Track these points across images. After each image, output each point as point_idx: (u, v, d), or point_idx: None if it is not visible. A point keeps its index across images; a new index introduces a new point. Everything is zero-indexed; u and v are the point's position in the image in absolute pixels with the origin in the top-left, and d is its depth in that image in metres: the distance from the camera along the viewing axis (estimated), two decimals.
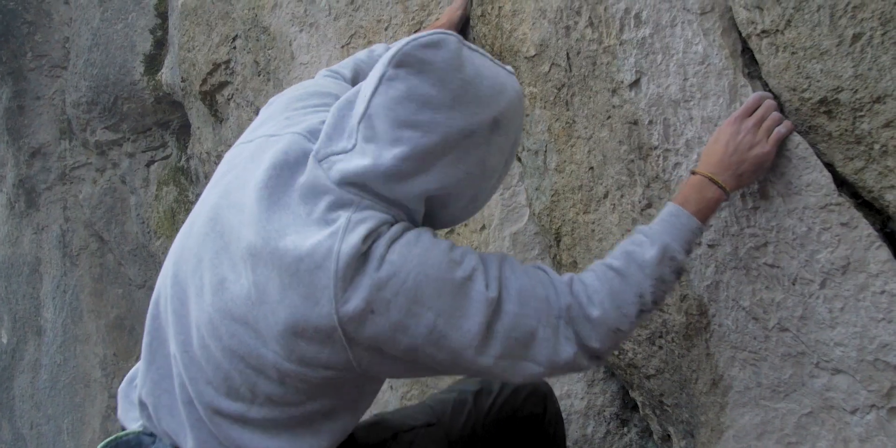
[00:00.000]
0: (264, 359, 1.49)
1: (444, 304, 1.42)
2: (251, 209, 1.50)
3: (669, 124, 1.72)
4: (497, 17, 2.15)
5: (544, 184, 2.16)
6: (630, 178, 1.86)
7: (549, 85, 2.02)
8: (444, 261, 1.43)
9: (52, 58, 6.31)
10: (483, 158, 1.47)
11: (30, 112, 6.34)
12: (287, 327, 1.43)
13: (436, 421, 1.89)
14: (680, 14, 1.64)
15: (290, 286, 1.42)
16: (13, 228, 6.77)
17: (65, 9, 6.27)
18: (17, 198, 6.53)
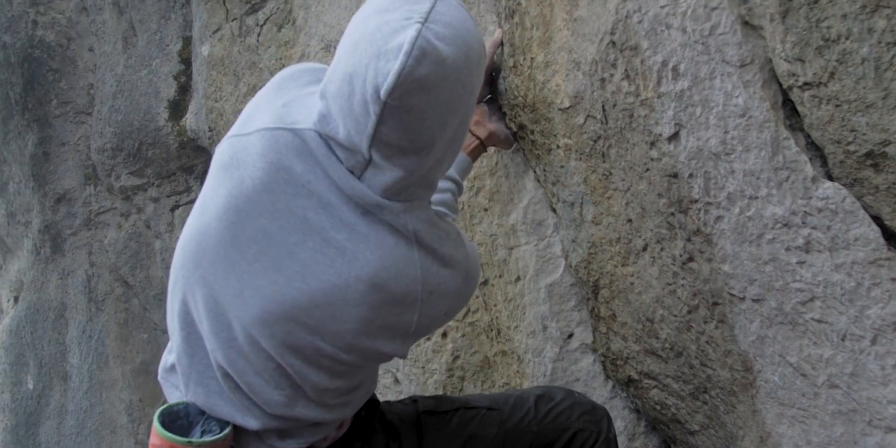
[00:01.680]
0: (322, 351, 1.58)
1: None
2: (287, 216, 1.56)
3: (710, 177, 1.69)
4: (529, 68, 2.13)
5: (581, 236, 2.14)
6: (670, 231, 1.83)
7: (584, 137, 2.00)
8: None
9: (77, 104, 6.36)
10: (472, 107, 1.60)
11: (55, 158, 6.38)
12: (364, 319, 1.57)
13: (497, 408, 2.01)
14: (719, 66, 1.62)
15: (370, 292, 1.55)
16: (39, 274, 6.78)
17: (89, 56, 6.33)
18: (43, 243, 6.55)
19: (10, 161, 6.75)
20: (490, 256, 2.46)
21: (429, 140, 1.48)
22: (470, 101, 1.53)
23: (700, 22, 1.60)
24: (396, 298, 1.58)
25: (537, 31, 2.08)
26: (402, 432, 1.93)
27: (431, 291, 1.61)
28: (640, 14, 1.70)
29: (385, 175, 1.51)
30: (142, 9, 5.42)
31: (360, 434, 1.90)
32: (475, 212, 2.50)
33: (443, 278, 1.62)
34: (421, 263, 1.59)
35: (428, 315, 1.63)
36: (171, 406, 1.73)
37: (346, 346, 1.59)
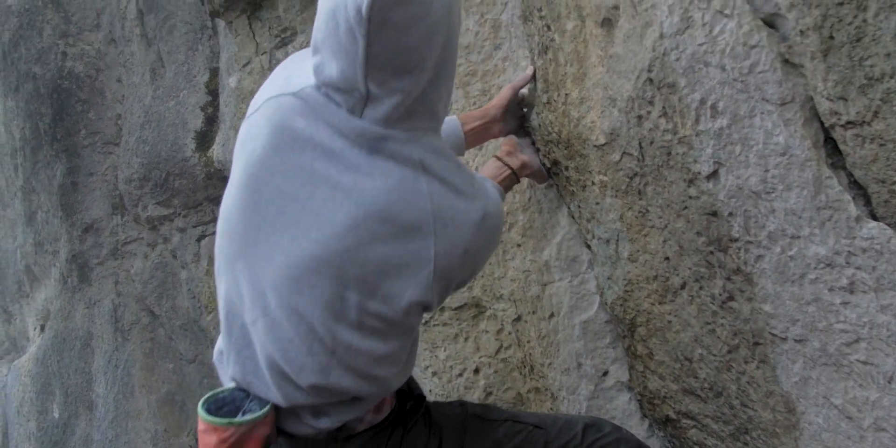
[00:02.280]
0: (349, 302, 1.62)
1: None
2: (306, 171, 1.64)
3: (750, 216, 1.67)
4: (564, 104, 2.12)
5: (617, 273, 2.12)
6: (709, 269, 1.81)
7: (620, 174, 1.99)
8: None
9: (105, 135, 6.41)
10: (457, 28, 1.67)
11: (83, 188, 6.42)
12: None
13: (544, 427, 1.99)
14: (759, 105, 1.60)
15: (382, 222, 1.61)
16: (66, 303, 6.81)
17: (117, 86, 6.39)
18: (70, 273, 6.58)
19: (39, 190, 6.80)
20: (523, 292, 2.44)
21: (418, 57, 1.56)
22: (450, 19, 1.59)
23: (739, 60, 1.58)
24: (407, 229, 1.62)
25: (571, 68, 2.07)
26: (445, 432, 1.94)
27: (445, 223, 1.64)
28: (678, 52, 1.69)
29: (384, 105, 1.59)
30: (170, 40, 5.46)
31: (402, 424, 1.92)
32: (508, 247, 2.48)
33: (456, 210, 1.67)
34: (429, 192, 1.64)
35: (446, 252, 1.65)
36: (216, 393, 1.79)
37: (371, 292, 1.63)
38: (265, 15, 3.87)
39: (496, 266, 2.52)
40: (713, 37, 1.62)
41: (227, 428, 1.71)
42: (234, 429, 1.71)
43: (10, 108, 7.03)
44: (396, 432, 1.90)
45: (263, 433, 1.75)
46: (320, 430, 1.81)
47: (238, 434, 1.71)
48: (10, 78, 6.92)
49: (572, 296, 2.31)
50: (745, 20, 1.56)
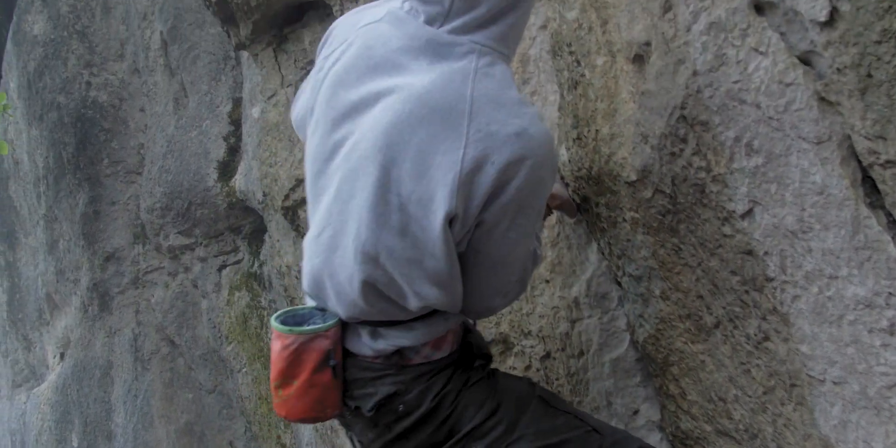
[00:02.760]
0: (389, 205, 1.75)
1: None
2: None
3: (786, 256, 1.64)
4: (594, 140, 2.11)
5: (648, 311, 2.09)
6: (744, 309, 1.78)
7: (652, 211, 1.97)
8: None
9: (128, 164, 6.45)
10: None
11: (105, 217, 6.46)
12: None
13: (602, 433, 1.98)
14: (795, 143, 1.58)
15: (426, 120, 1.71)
16: (86, 331, 6.83)
17: (140, 116, 6.44)
18: (91, 301, 6.60)
19: (61, 219, 6.84)
20: (552, 329, 2.42)
21: None
22: None
23: (774, 98, 1.57)
24: (444, 116, 1.70)
25: (602, 103, 2.06)
26: (505, 400, 1.98)
27: (479, 129, 1.68)
28: (712, 89, 1.68)
29: (463, 18, 1.73)
30: (193, 70, 5.51)
31: (464, 375, 2.00)
32: (536, 283, 2.46)
33: (493, 118, 1.70)
34: (472, 95, 1.70)
35: (474, 158, 1.67)
36: (295, 309, 2.01)
37: (409, 192, 1.72)
38: (291, 47, 3.89)
39: (524, 302, 2.50)
40: (748, 74, 1.61)
41: (289, 335, 1.90)
42: (294, 336, 1.89)
43: (34, 136, 7.09)
44: (456, 378, 1.97)
45: (324, 346, 1.90)
46: (379, 352, 1.92)
47: (298, 342, 1.89)
48: (34, 107, 6.99)
49: (602, 333, 2.28)
50: (781, 58, 1.55)
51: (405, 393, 1.94)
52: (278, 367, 1.94)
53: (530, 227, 1.80)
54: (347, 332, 1.95)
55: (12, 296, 8.94)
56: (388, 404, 1.94)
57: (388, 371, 1.94)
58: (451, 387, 1.96)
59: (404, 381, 1.94)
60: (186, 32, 5.59)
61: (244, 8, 3.82)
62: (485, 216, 1.73)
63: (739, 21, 1.61)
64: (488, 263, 1.83)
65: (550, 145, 1.76)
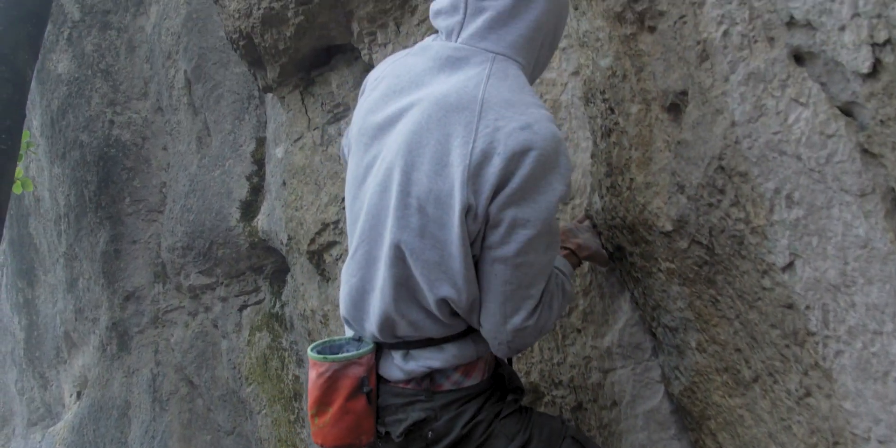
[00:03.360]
0: (409, 208, 1.84)
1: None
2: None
3: (829, 310, 1.62)
4: (628, 189, 2.10)
5: (684, 363, 2.07)
6: (784, 363, 1.75)
7: (688, 261, 1.95)
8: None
9: (150, 202, 6.48)
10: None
11: (126, 256, 6.48)
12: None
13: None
14: (837, 195, 1.56)
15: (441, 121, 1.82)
16: (104, 371, 6.82)
17: (163, 155, 6.48)
18: (110, 340, 6.60)
19: (82, 257, 6.87)
20: (584, 379, 2.39)
21: None
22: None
23: (816, 149, 1.55)
24: (455, 113, 1.80)
25: (636, 152, 2.05)
26: (535, 436, 2.02)
27: (487, 124, 1.77)
28: (751, 140, 1.67)
29: (475, 22, 1.88)
30: (216, 109, 5.54)
31: (497, 399, 2.07)
32: (567, 332, 2.44)
33: (501, 116, 1.78)
34: (483, 96, 1.80)
35: (483, 151, 1.75)
36: (332, 339, 2.10)
37: (426, 193, 1.80)
38: (318, 90, 3.91)
39: (555, 351, 2.48)
40: (788, 125, 1.59)
41: (323, 363, 1.97)
42: (328, 364, 1.97)
43: (56, 174, 7.15)
44: (487, 409, 2.03)
45: (358, 373, 1.97)
46: (410, 375, 1.98)
47: (332, 370, 1.96)
48: (57, 145, 7.05)
49: (635, 384, 2.25)
50: (822, 109, 1.54)
51: (434, 420, 1.98)
52: (314, 396, 2.00)
53: (541, 226, 1.81)
54: (381, 358, 2.02)
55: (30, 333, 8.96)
56: (417, 430, 1.99)
57: (419, 397, 1.99)
58: (483, 417, 2.01)
59: (434, 407, 1.99)
60: (210, 71, 5.64)
61: (272, 51, 3.84)
62: (492, 209, 1.77)
63: (779, 71, 1.61)
64: (501, 267, 1.84)
65: (557, 143, 1.79)
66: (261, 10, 3.72)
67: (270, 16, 3.71)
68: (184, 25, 5.92)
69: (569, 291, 2.05)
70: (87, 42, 7.12)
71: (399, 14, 3.32)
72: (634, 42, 2.00)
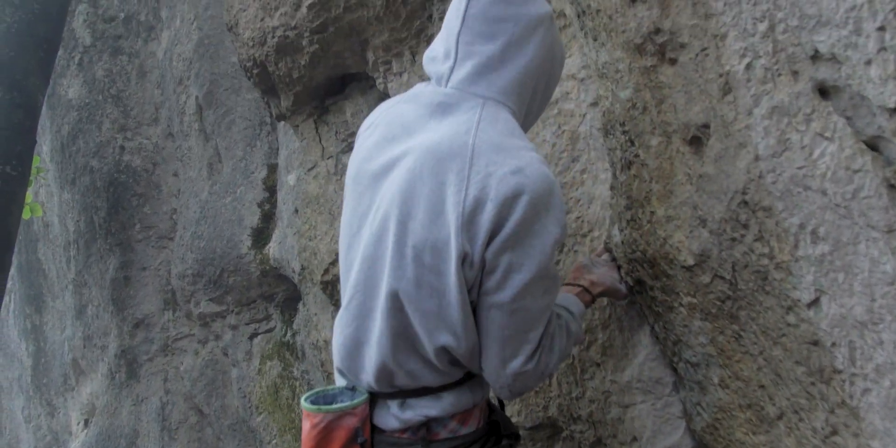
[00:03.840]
0: (405, 259, 1.84)
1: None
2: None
3: (856, 347, 1.60)
4: (649, 222, 2.09)
5: (706, 399, 2.05)
6: (809, 401, 1.74)
7: (710, 296, 1.94)
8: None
9: (160, 229, 6.49)
10: (551, 44, 1.98)
11: (135, 283, 6.48)
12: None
13: None
14: (863, 231, 1.55)
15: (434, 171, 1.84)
16: (112, 399, 6.80)
17: (174, 181, 6.50)
18: (119, 368, 6.59)
19: (91, 284, 6.87)
20: (603, 414, 2.38)
21: (502, 29, 1.90)
22: (541, 24, 1.94)
23: (841, 184, 1.55)
24: (447, 161, 1.82)
25: (657, 185, 2.05)
26: None
27: (479, 171, 1.79)
28: (775, 174, 1.66)
29: (466, 66, 1.92)
30: (228, 136, 5.56)
31: (493, 442, 2.10)
32: (587, 366, 2.43)
33: (492, 161, 1.81)
34: (474, 142, 1.82)
35: (476, 198, 1.77)
36: (325, 389, 2.08)
37: (422, 243, 1.81)
38: (332, 119, 3.92)
39: (573, 385, 2.47)
40: (813, 160, 1.59)
41: (317, 414, 1.95)
42: (322, 415, 1.95)
43: (66, 200, 7.17)
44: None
45: (352, 424, 1.96)
46: (406, 424, 1.98)
47: (327, 421, 1.95)
48: (67, 171, 7.08)
49: (656, 420, 2.24)
50: (847, 143, 1.53)
51: None
52: (308, 447, 1.99)
53: (537, 270, 1.81)
54: (376, 408, 2.02)
55: (37, 360, 8.95)
56: None
57: (415, 446, 1.99)
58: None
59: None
60: (222, 97, 5.66)
61: (286, 80, 3.86)
62: (488, 255, 1.78)
63: (803, 105, 1.60)
64: (498, 312, 1.85)
65: (549, 184, 1.81)
66: (275, 38, 3.74)
67: (285, 44, 3.73)
68: (195, 51, 5.95)
69: (574, 332, 2.05)
70: (97, 67, 7.17)
71: (414, 43, 3.33)
72: (655, 74, 2.00)
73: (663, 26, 1.92)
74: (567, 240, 2.48)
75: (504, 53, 1.90)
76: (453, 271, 1.79)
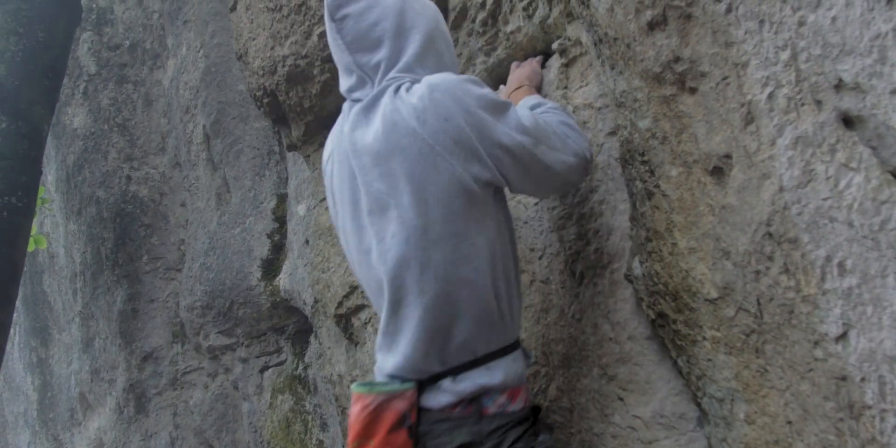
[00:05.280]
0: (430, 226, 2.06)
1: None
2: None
3: (885, 382, 1.60)
4: (671, 254, 2.09)
5: (732, 435, 2.04)
6: (839, 438, 1.73)
7: (735, 330, 1.93)
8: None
9: (168, 260, 6.51)
10: (421, 9, 2.27)
11: (143, 315, 6.49)
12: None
13: None
14: (891, 264, 1.55)
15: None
16: (121, 434, 6.79)
17: (181, 211, 6.52)
18: (127, 402, 6.59)
19: (98, 317, 6.89)
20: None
21: (379, 31, 2.18)
22: (403, 3, 2.22)
23: (868, 216, 1.55)
24: (398, 149, 2.06)
25: (678, 216, 2.05)
26: None
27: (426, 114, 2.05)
28: (800, 205, 1.66)
29: (379, 77, 2.18)
30: (236, 165, 5.59)
31: (533, 431, 2.18)
32: (609, 402, 2.42)
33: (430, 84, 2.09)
34: (399, 106, 2.08)
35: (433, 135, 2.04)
36: (372, 380, 2.20)
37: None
38: None
39: (595, 421, 2.46)
40: (839, 191, 1.59)
41: (368, 395, 2.08)
42: (374, 396, 2.07)
43: (72, 231, 7.20)
44: (524, 440, 2.12)
45: (401, 407, 2.06)
46: (459, 396, 2.07)
47: (377, 402, 2.07)
48: (73, 201, 7.11)
49: None
50: (874, 174, 1.53)
51: (479, 445, 2.07)
52: (356, 430, 2.09)
53: (495, 109, 2.10)
54: (426, 391, 2.11)
55: (43, 394, 8.96)
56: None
57: (467, 420, 2.08)
58: (521, 445, 2.10)
59: (480, 432, 2.07)
60: (230, 126, 5.69)
61: (297, 109, 3.88)
62: (465, 164, 2.05)
63: (828, 135, 1.61)
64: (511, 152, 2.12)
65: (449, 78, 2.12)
66: (286, 67, 3.77)
67: (296, 73, 3.76)
68: (202, 79, 5.99)
69: (565, 119, 2.35)
70: (103, 96, 7.22)
71: None
72: (675, 103, 2.00)
73: (683, 55, 1.93)
74: (586, 272, 2.48)
75: (396, 46, 2.18)
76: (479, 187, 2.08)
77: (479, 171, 2.05)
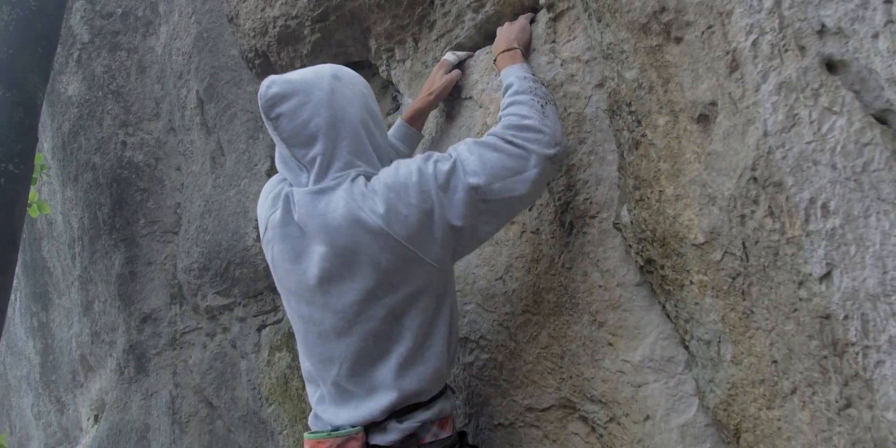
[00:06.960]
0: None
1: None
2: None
3: (868, 320, 1.61)
4: (658, 201, 2.10)
5: (719, 376, 2.06)
6: (823, 375, 1.75)
7: (721, 273, 1.95)
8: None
9: (164, 223, 6.49)
10: (348, 98, 2.36)
11: (141, 278, 6.49)
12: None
13: None
14: (874, 204, 1.56)
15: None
16: (122, 394, 6.82)
17: (177, 175, 6.49)
18: (127, 363, 6.61)
19: (97, 280, 6.88)
20: (615, 394, 2.39)
21: (313, 127, 2.28)
22: (333, 97, 2.32)
23: (851, 158, 1.56)
24: (360, 226, 2.21)
25: (665, 164, 2.05)
26: None
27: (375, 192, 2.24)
28: (784, 149, 1.67)
29: (315, 166, 2.29)
30: (230, 129, 5.56)
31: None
32: (598, 347, 2.44)
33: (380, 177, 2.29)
34: (352, 190, 2.26)
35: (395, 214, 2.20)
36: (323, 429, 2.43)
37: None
38: None
39: (585, 366, 2.47)
40: (822, 135, 1.60)
41: (327, 439, 2.30)
42: (332, 440, 2.29)
43: (69, 197, 7.17)
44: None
45: (355, 447, 2.30)
46: (405, 433, 2.34)
47: (335, 445, 2.29)
48: (69, 168, 7.08)
49: (668, 398, 2.24)
50: (856, 117, 1.54)
51: None
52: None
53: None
54: (374, 431, 2.35)
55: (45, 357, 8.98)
56: None
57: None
58: None
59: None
60: (223, 91, 5.66)
61: (288, 69, 3.86)
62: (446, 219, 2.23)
63: (811, 80, 1.61)
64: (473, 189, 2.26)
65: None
66: (276, 28, 3.74)
67: (286, 34, 3.73)
68: (194, 45, 5.95)
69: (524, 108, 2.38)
70: (96, 63, 7.16)
71: (417, 30, 3.33)
72: (661, 53, 2.00)
73: (668, 5, 1.92)
74: (576, 221, 2.48)
75: (330, 141, 2.29)
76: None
77: (438, 252, 2.25)
